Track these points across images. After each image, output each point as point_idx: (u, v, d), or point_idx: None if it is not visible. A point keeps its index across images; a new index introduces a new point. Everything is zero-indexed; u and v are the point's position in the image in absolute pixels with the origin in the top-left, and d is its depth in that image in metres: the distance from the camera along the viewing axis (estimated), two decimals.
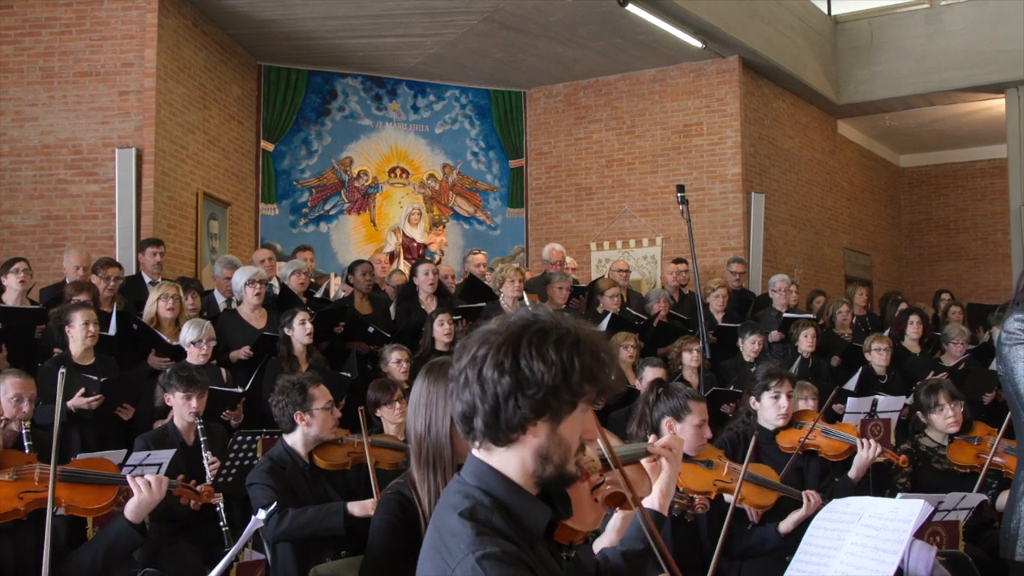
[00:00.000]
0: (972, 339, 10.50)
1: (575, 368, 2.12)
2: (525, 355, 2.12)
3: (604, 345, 2.22)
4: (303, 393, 5.15)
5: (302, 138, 13.81)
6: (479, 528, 2.10)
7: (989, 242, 18.57)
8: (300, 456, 5.18)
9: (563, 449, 2.19)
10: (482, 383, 2.13)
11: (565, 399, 2.13)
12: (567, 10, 11.83)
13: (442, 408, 3.34)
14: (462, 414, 2.19)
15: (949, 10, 14.71)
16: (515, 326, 2.18)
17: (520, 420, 2.13)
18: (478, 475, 2.22)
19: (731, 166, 13.65)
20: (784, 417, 5.80)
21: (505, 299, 9.37)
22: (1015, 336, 3.43)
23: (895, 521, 3.26)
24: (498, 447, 2.19)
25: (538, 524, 2.19)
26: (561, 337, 2.14)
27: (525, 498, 2.19)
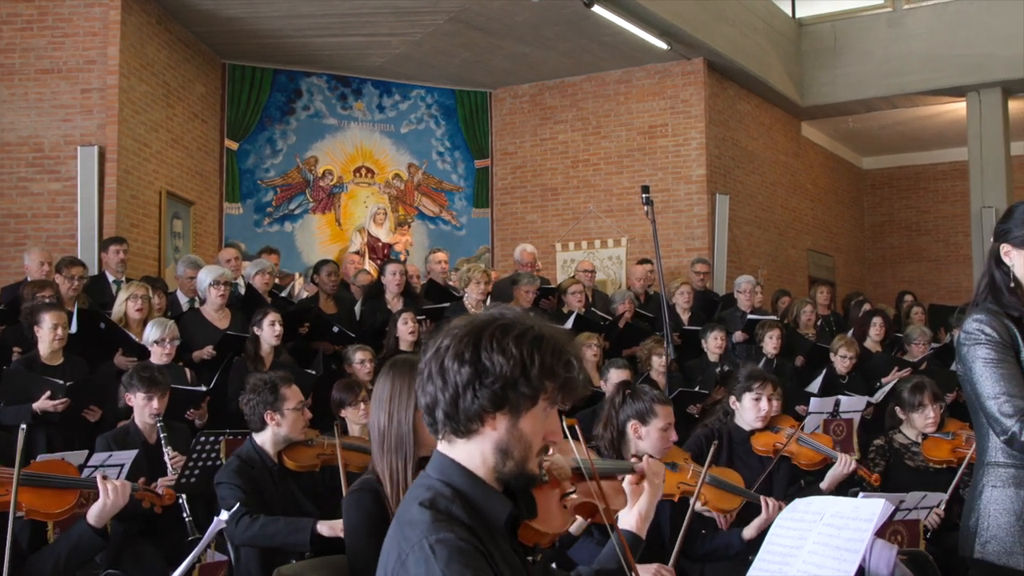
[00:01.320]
0: (933, 340, 10.60)
1: (535, 363, 2.17)
2: (486, 347, 2.17)
3: (568, 345, 2.26)
4: (275, 392, 5.12)
5: (267, 137, 13.75)
6: (436, 515, 2.14)
7: (950, 244, 18.74)
8: (269, 456, 5.16)
9: (523, 445, 2.23)
10: (443, 373, 2.20)
11: (524, 393, 2.18)
12: (533, 11, 11.84)
13: (405, 401, 3.41)
14: (426, 406, 2.25)
15: (911, 14, 14.84)
16: (479, 320, 2.24)
17: (478, 410, 2.18)
18: (440, 468, 2.26)
19: (696, 167, 13.71)
20: (763, 420, 5.82)
21: (469, 300, 9.36)
22: (973, 336, 3.46)
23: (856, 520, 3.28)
24: (459, 439, 2.24)
25: (498, 515, 2.23)
26: (523, 332, 2.20)
27: (485, 489, 2.23)
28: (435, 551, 2.05)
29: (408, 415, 3.39)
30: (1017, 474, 3.42)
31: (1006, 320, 3.45)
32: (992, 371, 3.37)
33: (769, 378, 5.94)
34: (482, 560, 2.09)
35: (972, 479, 3.63)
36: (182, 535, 5.50)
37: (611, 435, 4.72)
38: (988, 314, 3.47)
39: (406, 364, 3.52)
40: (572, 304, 10.02)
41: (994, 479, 3.47)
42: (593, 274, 11.64)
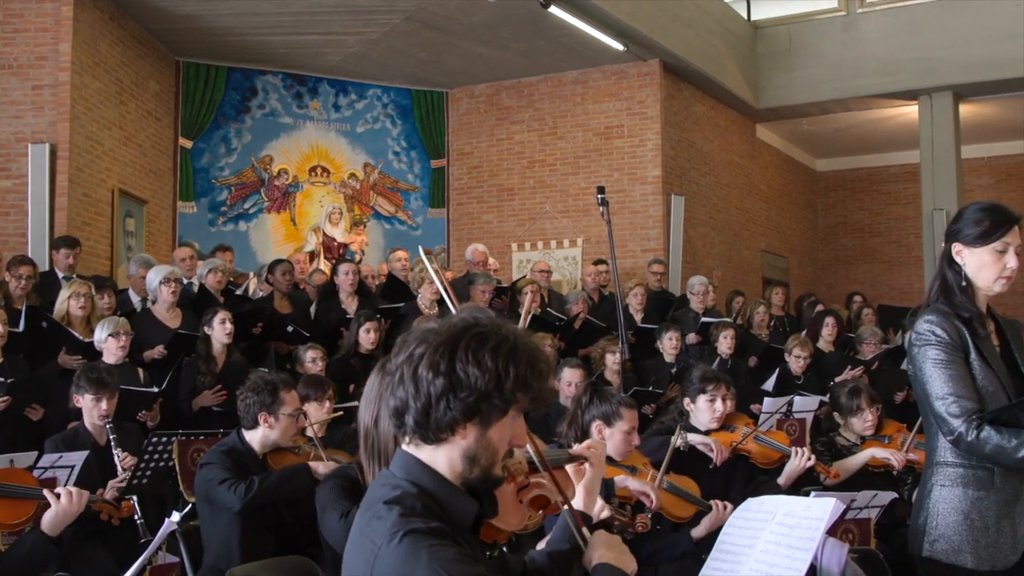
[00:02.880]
0: (884, 340, 10.71)
1: (509, 376, 2.16)
2: (461, 358, 2.15)
3: (541, 356, 2.25)
4: (274, 395, 5.07)
5: (221, 135, 13.65)
6: (404, 510, 2.13)
7: (902, 245, 18.94)
8: (256, 454, 5.12)
9: (491, 453, 2.23)
10: (416, 381, 2.17)
11: (496, 405, 2.17)
12: (490, 11, 11.83)
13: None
14: (395, 409, 2.23)
15: (865, 18, 14.97)
16: (455, 328, 2.21)
17: (450, 421, 2.16)
18: (406, 468, 2.25)
19: (651, 168, 13.75)
20: (718, 420, 5.85)
21: (423, 300, 9.35)
22: (924, 337, 3.50)
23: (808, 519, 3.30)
24: (427, 445, 2.22)
25: (465, 516, 2.23)
26: (499, 344, 2.18)
27: (453, 491, 2.22)
28: (409, 540, 2.05)
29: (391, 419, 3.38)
30: (965, 474, 3.46)
31: (956, 321, 3.50)
32: (941, 372, 3.42)
33: (722, 379, 5.97)
34: (452, 543, 2.09)
35: (921, 478, 3.68)
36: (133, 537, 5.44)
37: (575, 434, 4.74)
38: (939, 315, 3.52)
39: None
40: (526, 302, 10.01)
41: (942, 478, 3.51)
42: (549, 274, 11.66)
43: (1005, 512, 3.43)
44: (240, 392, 5.18)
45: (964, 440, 3.33)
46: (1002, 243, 3.50)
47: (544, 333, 8.81)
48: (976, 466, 3.44)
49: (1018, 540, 3.44)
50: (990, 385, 3.43)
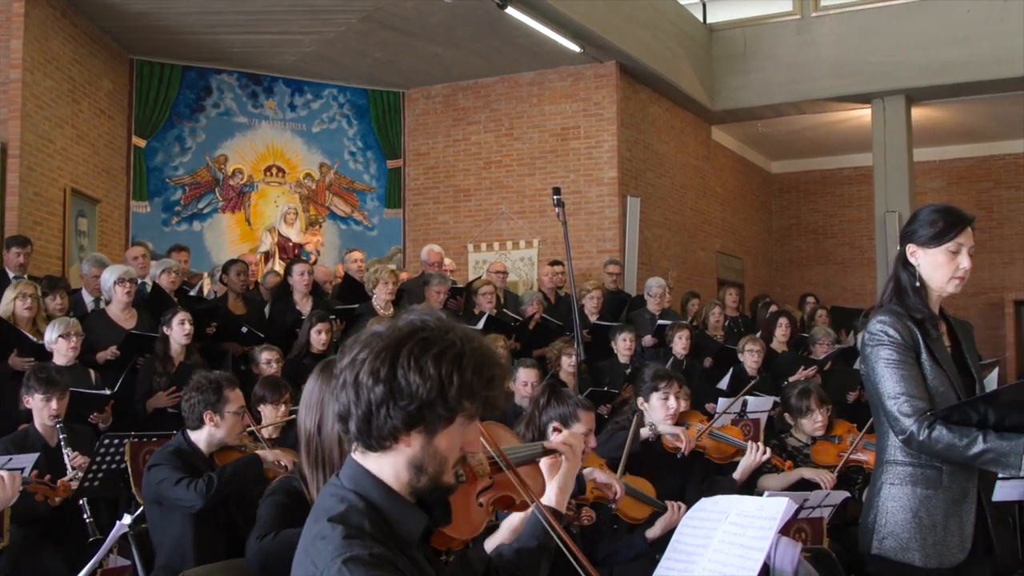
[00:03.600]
0: (836, 340, 10.82)
1: (453, 383, 2.09)
2: (403, 365, 2.09)
3: (492, 361, 2.19)
4: (218, 393, 5.01)
5: (175, 135, 13.53)
6: (348, 531, 2.07)
7: (855, 247, 19.10)
8: (202, 454, 5.07)
9: (438, 461, 2.17)
10: (357, 388, 2.11)
11: (440, 413, 2.11)
12: (447, 11, 11.81)
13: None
14: (338, 414, 2.17)
15: (819, 22, 15.09)
16: (399, 332, 2.14)
17: (391, 430, 2.11)
18: (354, 479, 2.20)
19: (607, 170, 13.79)
20: (672, 418, 5.88)
21: (378, 301, 9.33)
22: (876, 337, 3.54)
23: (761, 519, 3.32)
24: (372, 452, 2.17)
25: (412, 531, 2.17)
26: (444, 350, 2.11)
27: (400, 503, 2.17)
28: (348, 569, 2.00)
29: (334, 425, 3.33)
30: (914, 472, 3.50)
31: (909, 322, 3.54)
32: (893, 372, 3.46)
33: (675, 376, 6.02)
34: (395, 573, 2.04)
35: (872, 477, 3.72)
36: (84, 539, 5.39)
37: (532, 435, 4.73)
38: (892, 316, 3.56)
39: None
40: (483, 305, 10.03)
41: (892, 477, 3.55)
42: (505, 275, 11.67)
43: (953, 511, 3.48)
44: (184, 392, 5.14)
45: (916, 439, 3.36)
46: (955, 244, 3.55)
47: (496, 334, 8.82)
48: (925, 465, 3.49)
49: (965, 538, 3.49)
50: (940, 385, 3.48)
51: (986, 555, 3.58)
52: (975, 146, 18.08)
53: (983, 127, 16.90)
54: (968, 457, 3.30)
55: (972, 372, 3.64)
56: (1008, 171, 18.16)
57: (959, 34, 13.99)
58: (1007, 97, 14.86)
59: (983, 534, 3.55)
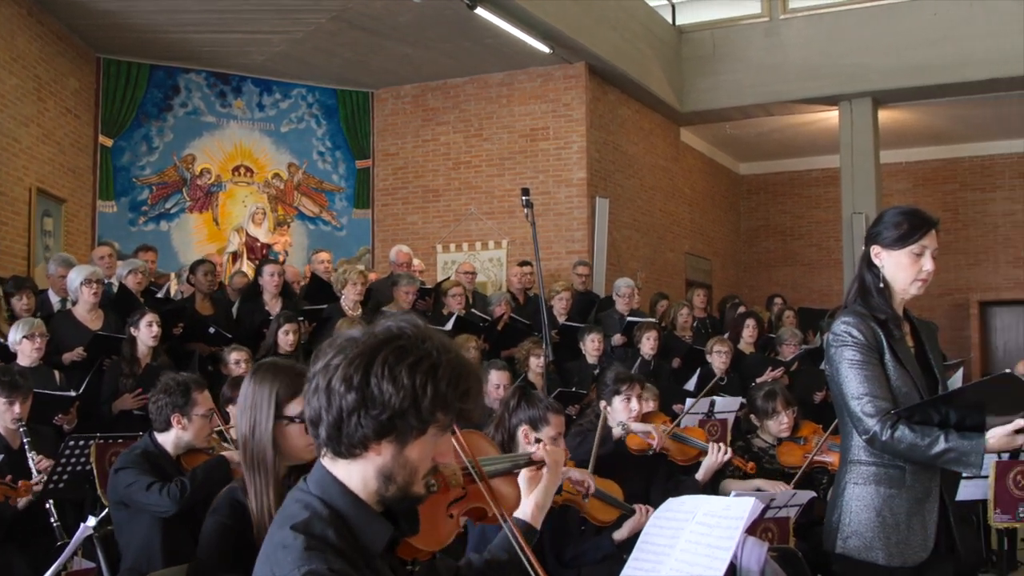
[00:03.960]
0: (803, 341, 10.88)
1: (427, 394, 2.06)
2: (376, 373, 2.05)
3: (468, 374, 2.15)
4: (186, 396, 4.96)
5: (143, 134, 13.44)
6: (309, 542, 2.05)
7: (823, 248, 19.23)
8: (170, 456, 5.03)
9: (408, 471, 2.14)
10: (329, 394, 2.08)
11: (412, 424, 2.08)
12: (416, 11, 11.79)
13: (265, 412, 3.29)
14: (310, 419, 2.14)
15: (787, 24, 15.17)
16: (375, 339, 2.11)
17: (361, 438, 2.08)
18: (322, 485, 2.17)
19: (576, 170, 13.81)
20: (635, 419, 5.90)
21: (346, 301, 9.31)
22: (840, 338, 3.57)
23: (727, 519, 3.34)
24: (341, 459, 2.14)
25: (376, 542, 2.15)
26: (419, 360, 2.08)
27: (366, 513, 2.15)
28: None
29: (269, 426, 3.28)
30: (878, 472, 3.53)
31: (872, 323, 3.57)
32: (857, 372, 3.48)
33: (636, 378, 6.04)
34: None
35: (836, 476, 3.74)
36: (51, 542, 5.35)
37: (502, 437, 4.73)
38: (856, 316, 3.58)
39: (269, 369, 3.42)
40: (452, 306, 10.02)
41: (856, 476, 3.57)
42: (474, 276, 11.67)
43: (916, 509, 3.51)
44: (152, 394, 5.09)
45: (879, 439, 3.39)
46: (919, 246, 3.57)
47: (467, 335, 8.82)
48: (888, 464, 3.51)
49: (928, 537, 3.52)
50: (904, 386, 3.50)
51: (949, 554, 3.61)
52: (941, 148, 18.24)
53: (949, 129, 17.05)
54: (930, 457, 3.33)
55: (935, 372, 3.67)
56: (974, 173, 18.33)
57: (925, 37, 14.12)
58: (973, 100, 15.00)
59: (946, 533, 3.58)
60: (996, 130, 17.15)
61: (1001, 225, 18.07)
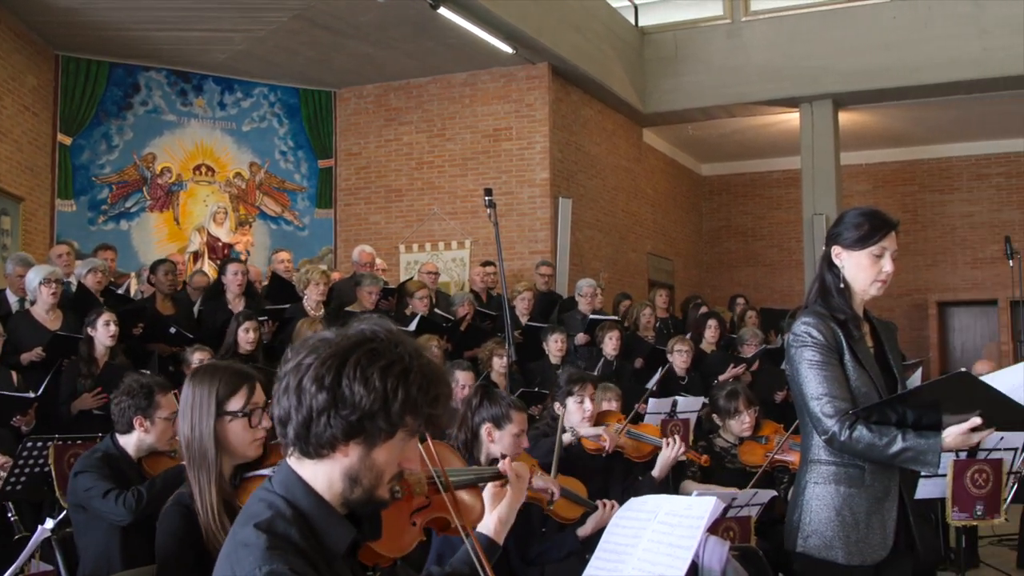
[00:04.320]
0: (764, 341, 10.95)
1: (397, 398, 2.07)
2: (348, 374, 2.06)
3: (439, 379, 2.17)
4: (149, 398, 4.88)
5: (102, 132, 13.33)
6: (271, 541, 2.05)
7: (784, 249, 19.36)
8: (131, 459, 4.98)
9: (374, 474, 2.15)
10: (299, 393, 2.08)
11: (381, 427, 2.08)
12: (379, 11, 11.77)
13: (206, 410, 3.32)
14: (278, 418, 2.14)
15: (749, 26, 15.26)
16: (348, 341, 2.12)
17: (330, 438, 2.08)
18: (286, 484, 2.17)
19: (539, 171, 13.82)
20: (589, 420, 5.92)
21: (309, 301, 9.27)
22: (800, 339, 3.59)
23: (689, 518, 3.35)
24: (308, 459, 2.15)
25: (339, 544, 2.15)
26: (391, 363, 2.09)
27: (329, 515, 2.15)
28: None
29: (209, 424, 3.30)
30: (838, 471, 3.55)
31: (832, 323, 3.59)
32: (816, 373, 3.51)
33: (588, 378, 6.08)
34: None
35: (796, 476, 3.77)
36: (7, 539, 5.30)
37: (465, 436, 4.74)
38: (815, 317, 3.60)
39: (207, 370, 3.45)
40: (417, 307, 10.00)
41: (816, 476, 3.60)
42: (437, 276, 11.65)
43: (875, 508, 3.53)
44: (114, 396, 5.04)
45: (838, 439, 3.41)
46: (879, 247, 3.59)
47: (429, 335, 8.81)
48: (848, 464, 3.54)
49: (887, 535, 3.54)
50: (863, 386, 3.53)
51: (908, 552, 3.64)
52: (900, 150, 18.43)
53: (908, 132, 17.23)
54: (888, 456, 3.36)
55: (894, 372, 3.70)
56: (932, 175, 18.52)
57: (885, 40, 14.26)
58: (931, 102, 15.17)
59: (905, 531, 3.61)
60: (954, 132, 17.35)
61: (959, 227, 18.28)
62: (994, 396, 3.20)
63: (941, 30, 13.97)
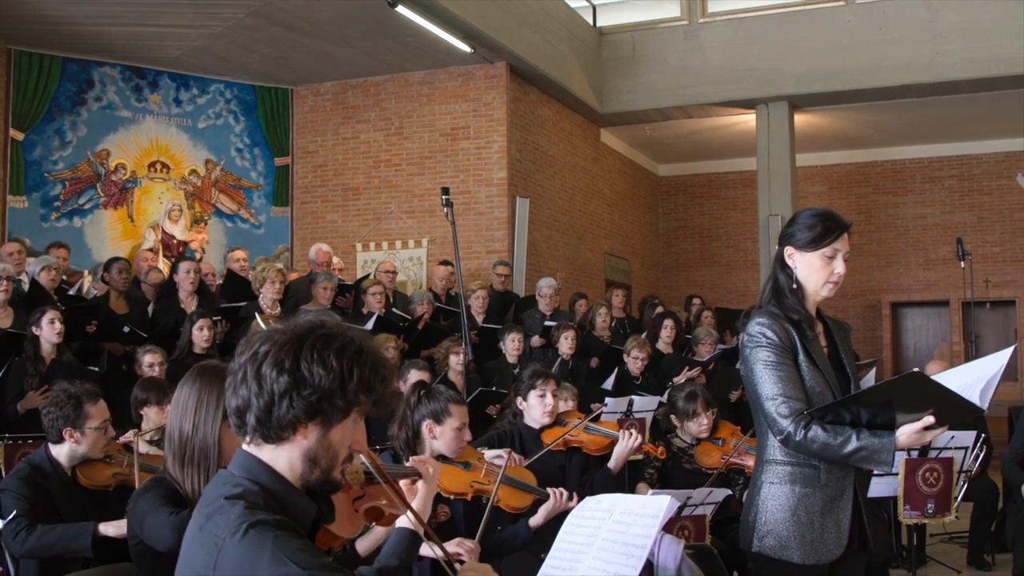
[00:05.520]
0: (720, 341, 11.01)
1: (353, 377, 2.18)
2: (306, 357, 2.17)
3: (384, 361, 2.29)
4: (78, 409, 4.81)
5: (55, 128, 13.16)
6: (248, 503, 2.12)
7: (739, 249, 19.48)
8: (63, 469, 4.90)
9: (331, 455, 2.24)
10: (260, 379, 2.17)
11: (339, 405, 2.19)
12: (336, 9, 11.72)
13: (213, 411, 3.33)
14: (236, 408, 2.22)
15: (706, 28, 15.34)
16: (301, 328, 2.22)
17: (292, 419, 2.17)
18: (246, 467, 2.24)
19: (497, 170, 13.82)
20: (550, 415, 5.94)
21: (265, 300, 9.22)
22: (755, 339, 3.60)
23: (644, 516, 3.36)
24: (268, 444, 2.22)
25: (304, 516, 2.22)
26: (344, 345, 2.21)
27: (292, 490, 2.23)
28: (256, 531, 2.03)
29: (215, 427, 3.33)
30: (793, 471, 3.57)
31: (786, 324, 3.61)
32: (771, 373, 3.52)
33: (551, 375, 6.10)
34: (299, 536, 2.09)
35: (752, 476, 3.78)
36: None
37: (406, 435, 4.74)
38: (769, 317, 3.62)
39: (215, 371, 3.43)
40: (372, 305, 9.97)
41: (771, 476, 3.61)
42: (394, 275, 11.62)
43: (830, 508, 3.55)
44: (43, 407, 4.96)
45: (793, 439, 3.43)
46: (831, 249, 3.62)
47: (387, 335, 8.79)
48: (803, 464, 3.55)
49: (842, 534, 3.57)
50: (817, 386, 3.55)
51: (861, 550, 3.67)
52: (855, 152, 18.60)
53: (863, 134, 17.39)
54: (843, 455, 3.38)
55: (848, 372, 3.73)
56: (886, 177, 18.71)
57: (841, 43, 14.39)
58: (885, 105, 15.32)
59: (859, 530, 3.64)
60: (907, 135, 17.54)
61: (912, 228, 18.47)
62: (946, 395, 3.23)
63: (895, 34, 14.12)
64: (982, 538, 8.55)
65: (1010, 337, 17.47)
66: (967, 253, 12.55)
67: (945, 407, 3.29)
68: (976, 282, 15.35)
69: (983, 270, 17.25)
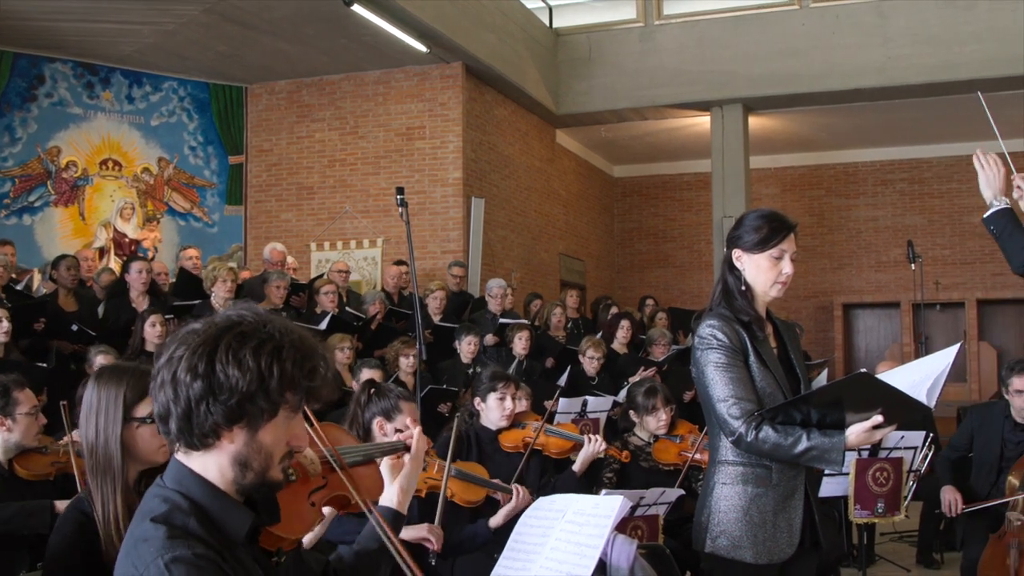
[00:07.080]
0: (674, 341, 11.08)
1: (273, 375, 2.08)
2: (221, 359, 2.06)
3: (312, 351, 2.17)
4: (5, 396, 4.76)
5: (5, 124, 12.98)
6: (171, 531, 2.04)
7: (694, 251, 19.59)
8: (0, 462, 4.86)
9: (263, 456, 2.15)
10: (175, 386, 2.07)
11: (262, 406, 2.09)
12: (292, 7, 11.66)
13: (112, 416, 3.17)
14: (159, 415, 2.13)
15: (661, 30, 15.40)
16: (216, 327, 2.12)
17: (212, 426, 2.08)
18: (177, 478, 2.16)
19: (452, 170, 13.81)
20: (508, 419, 5.95)
21: (216, 299, 9.16)
22: (706, 341, 3.63)
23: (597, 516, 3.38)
24: (195, 452, 2.14)
25: (238, 531, 2.14)
26: (262, 342, 2.09)
27: (225, 502, 2.14)
28: (171, 570, 1.96)
29: (116, 430, 3.16)
30: (745, 472, 3.59)
31: (736, 325, 3.63)
32: (722, 375, 3.55)
33: (511, 378, 6.09)
34: (219, 573, 2.01)
35: (705, 476, 3.81)
36: None
37: (358, 434, 4.71)
38: (720, 319, 3.65)
39: (113, 371, 3.32)
40: (325, 304, 9.94)
41: (724, 476, 3.64)
42: (348, 274, 11.59)
43: (782, 507, 3.58)
44: None
45: (744, 440, 3.45)
46: (778, 250, 3.64)
47: (342, 335, 8.76)
48: (755, 464, 3.58)
49: (794, 534, 3.59)
50: (768, 386, 3.57)
51: (813, 549, 3.70)
52: (808, 155, 18.75)
53: (815, 137, 17.54)
54: (794, 455, 3.40)
55: (798, 372, 3.76)
56: (838, 180, 18.88)
57: (794, 47, 14.51)
58: (838, 109, 15.47)
59: (810, 529, 3.67)
60: (859, 139, 17.72)
61: (864, 231, 18.66)
62: (894, 394, 3.27)
63: (848, 38, 14.27)
64: (931, 537, 8.66)
65: (959, 338, 17.68)
66: (917, 256, 12.69)
67: (893, 406, 3.32)
68: (926, 284, 15.52)
69: (933, 272, 17.46)
